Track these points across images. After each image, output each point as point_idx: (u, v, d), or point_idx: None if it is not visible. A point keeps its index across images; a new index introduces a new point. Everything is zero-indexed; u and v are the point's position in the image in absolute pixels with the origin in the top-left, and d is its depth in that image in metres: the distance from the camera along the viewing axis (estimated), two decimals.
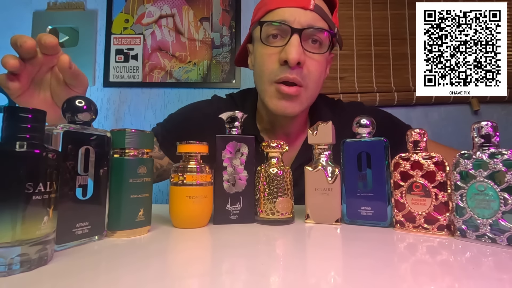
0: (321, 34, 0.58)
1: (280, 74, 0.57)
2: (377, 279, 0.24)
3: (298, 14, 0.56)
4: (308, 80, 0.58)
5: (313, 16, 0.57)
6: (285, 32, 0.57)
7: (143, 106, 1.43)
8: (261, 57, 0.60)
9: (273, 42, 0.58)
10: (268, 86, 0.59)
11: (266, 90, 0.60)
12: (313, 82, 0.59)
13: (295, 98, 0.58)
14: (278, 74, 0.57)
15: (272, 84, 0.58)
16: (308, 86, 0.59)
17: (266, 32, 0.59)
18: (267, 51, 0.59)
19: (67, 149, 0.30)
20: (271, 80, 0.58)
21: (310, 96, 0.61)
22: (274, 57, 0.58)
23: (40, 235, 0.24)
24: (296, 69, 0.56)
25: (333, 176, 0.42)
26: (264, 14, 0.60)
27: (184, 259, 0.29)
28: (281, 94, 0.58)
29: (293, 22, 0.56)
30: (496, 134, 0.34)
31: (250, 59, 0.69)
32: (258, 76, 0.62)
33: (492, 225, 0.32)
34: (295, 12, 0.56)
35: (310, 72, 0.58)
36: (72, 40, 1.44)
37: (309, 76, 0.58)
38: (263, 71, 0.59)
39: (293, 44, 0.54)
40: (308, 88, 0.59)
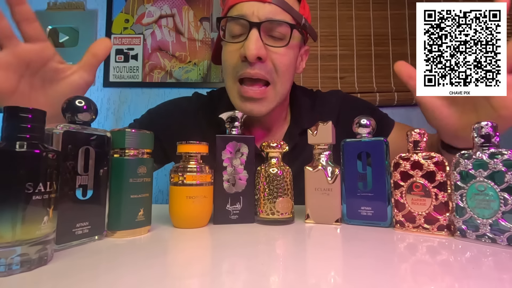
0: (281, 27, 0.55)
1: (241, 71, 0.55)
2: (377, 279, 0.24)
3: (257, 8, 0.54)
4: (274, 75, 0.56)
5: (272, 9, 0.55)
6: (245, 27, 0.55)
7: (143, 106, 1.43)
8: (225, 54, 0.59)
9: (234, 38, 0.57)
10: (232, 84, 0.58)
11: (231, 88, 0.59)
12: (280, 76, 0.57)
13: (260, 100, 0.56)
14: (239, 70, 0.56)
15: (236, 82, 0.57)
16: (275, 82, 0.57)
17: (229, 30, 0.58)
18: (229, 47, 0.58)
19: (67, 149, 0.30)
20: (234, 77, 0.57)
21: (280, 92, 0.59)
22: (235, 53, 0.56)
23: (40, 235, 0.24)
24: (258, 64, 0.54)
25: (333, 176, 0.42)
26: (227, 10, 0.59)
27: (184, 259, 0.29)
28: (244, 97, 0.56)
29: (251, 16, 0.54)
30: (496, 134, 0.34)
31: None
32: (224, 74, 0.61)
33: (492, 225, 0.32)
34: (253, 5, 0.54)
35: (275, 65, 0.56)
36: (72, 40, 1.44)
37: (275, 70, 0.56)
38: (226, 67, 0.58)
39: (251, 38, 0.53)
40: (276, 84, 0.57)
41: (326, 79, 1.39)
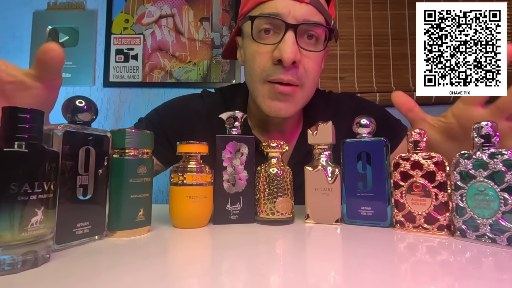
0: (317, 29, 0.53)
1: (274, 75, 0.53)
2: (377, 279, 0.24)
3: (293, 7, 0.51)
4: (305, 79, 0.54)
5: (309, 10, 0.52)
6: (278, 27, 0.52)
7: (143, 106, 1.43)
8: (252, 55, 0.55)
9: (265, 38, 0.53)
10: (261, 85, 0.55)
11: (258, 89, 0.56)
12: (310, 81, 0.55)
13: (290, 98, 0.55)
14: (271, 74, 0.53)
15: (265, 83, 0.54)
16: (304, 85, 0.55)
17: (258, 27, 0.53)
18: (259, 49, 0.54)
19: (67, 149, 0.30)
20: (264, 79, 0.54)
21: (306, 96, 0.57)
22: (266, 55, 0.53)
23: (27, 236, 0.23)
24: (292, 69, 0.52)
25: (333, 176, 0.42)
26: (254, 6, 0.54)
27: (184, 259, 0.29)
28: (275, 94, 0.54)
29: (287, 16, 0.51)
30: (496, 134, 0.34)
31: (239, 53, 0.64)
32: (249, 75, 0.57)
33: (492, 225, 0.32)
34: (289, 4, 0.51)
35: (306, 70, 0.54)
36: (72, 40, 1.45)
37: (305, 75, 0.54)
38: (254, 69, 0.55)
39: (288, 42, 0.50)
40: (305, 87, 0.55)
41: (326, 79, 1.39)
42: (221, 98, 0.69)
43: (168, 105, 0.69)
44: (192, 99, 0.70)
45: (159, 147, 0.60)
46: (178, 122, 0.65)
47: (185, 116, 0.65)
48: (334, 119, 0.47)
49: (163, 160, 0.65)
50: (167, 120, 0.65)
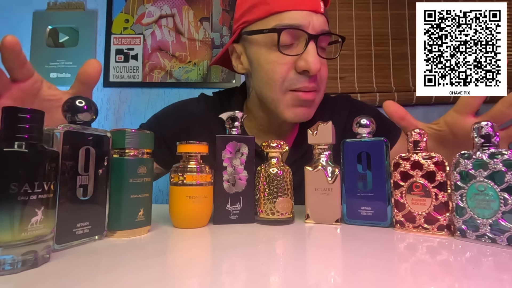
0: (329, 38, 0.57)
1: (298, 84, 0.54)
2: (377, 279, 0.24)
3: (311, 18, 0.53)
4: (321, 85, 0.58)
5: (324, 20, 0.55)
6: (297, 37, 0.54)
7: (143, 106, 1.43)
8: (271, 65, 0.55)
9: (286, 48, 0.54)
10: (282, 94, 0.56)
11: (279, 99, 0.56)
12: (324, 85, 0.59)
13: (311, 103, 0.57)
14: (296, 83, 0.54)
15: (287, 92, 0.55)
16: (320, 90, 0.58)
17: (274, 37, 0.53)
18: (280, 59, 0.54)
19: (67, 149, 0.30)
20: (286, 88, 0.55)
21: (320, 99, 0.60)
22: (288, 65, 0.54)
23: (27, 236, 0.23)
24: (314, 77, 0.55)
25: (333, 176, 0.42)
26: (266, 15, 0.54)
27: (184, 259, 0.29)
28: (299, 101, 0.56)
29: (308, 27, 0.52)
30: (496, 134, 0.34)
31: (238, 61, 0.62)
32: (267, 84, 0.57)
33: (492, 225, 0.32)
34: (309, 16, 0.53)
35: (322, 76, 0.57)
36: (72, 40, 1.45)
37: (321, 80, 0.57)
38: (275, 80, 0.55)
39: (312, 52, 0.52)
40: (321, 92, 0.59)
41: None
42: (217, 101, 0.70)
43: (166, 110, 0.72)
44: (189, 103, 0.72)
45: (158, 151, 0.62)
46: (175, 125, 0.67)
47: (181, 120, 0.67)
48: (332, 119, 0.47)
49: (163, 164, 0.67)
50: (165, 124, 0.67)
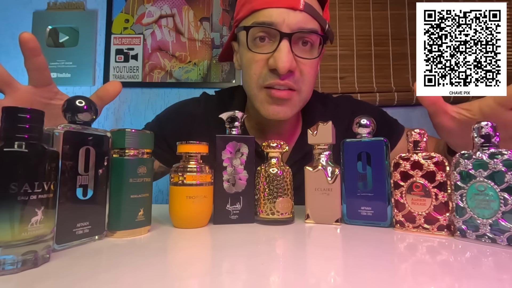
0: (312, 36, 0.54)
1: (270, 80, 0.53)
2: (377, 279, 0.24)
3: (287, 15, 0.51)
4: (301, 84, 0.55)
5: (303, 17, 0.52)
6: (273, 35, 0.53)
7: (143, 106, 1.43)
8: (248, 62, 0.56)
9: (260, 46, 0.54)
10: (258, 91, 0.56)
11: (256, 95, 0.57)
12: (306, 85, 0.56)
13: (287, 102, 0.55)
14: (267, 79, 0.54)
15: (262, 89, 0.55)
16: (301, 89, 0.56)
17: (252, 35, 0.54)
18: (254, 57, 0.54)
19: (67, 149, 0.30)
20: (260, 85, 0.55)
21: (303, 99, 0.58)
22: (261, 62, 0.54)
23: (28, 236, 0.23)
24: (288, 75, 0.53)
25: (333, 176, 0.42)
26: (248, 13, 0.55)
27: (184, 259, 0.29)
28: (272, 99, 0.55)
29: (282, 24, 0.51)
30: (496, 134, 0.34)
31: (235, 58, 0.64)
32: (246, 81, 0.58)
33: (492, 225, 0.32)
34: (284, 13, 0.51)
35: (303, 75, 0.55)
36: (72, 40, 1.44)
37: (302, 79, 0.55)
38: (251, 76, 0.56)
39: (283, 51, 0.50)
40: (301, 91, 0.56)
41: (326, 79, 1.39)
42: (218, 101, 0.70)
43: (167, 111, 0.72)
44: (190, 103, 0.72)
45: (161, 152, 0.64)
46: (176, 125, 0.67)
47: (182, 119, 0.67)
48: (333, 121, 0.47)
49: (167, 164, 0.68)
50: (167, 124, 0.68)
